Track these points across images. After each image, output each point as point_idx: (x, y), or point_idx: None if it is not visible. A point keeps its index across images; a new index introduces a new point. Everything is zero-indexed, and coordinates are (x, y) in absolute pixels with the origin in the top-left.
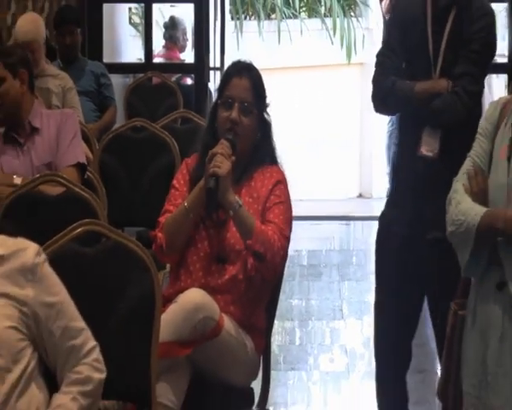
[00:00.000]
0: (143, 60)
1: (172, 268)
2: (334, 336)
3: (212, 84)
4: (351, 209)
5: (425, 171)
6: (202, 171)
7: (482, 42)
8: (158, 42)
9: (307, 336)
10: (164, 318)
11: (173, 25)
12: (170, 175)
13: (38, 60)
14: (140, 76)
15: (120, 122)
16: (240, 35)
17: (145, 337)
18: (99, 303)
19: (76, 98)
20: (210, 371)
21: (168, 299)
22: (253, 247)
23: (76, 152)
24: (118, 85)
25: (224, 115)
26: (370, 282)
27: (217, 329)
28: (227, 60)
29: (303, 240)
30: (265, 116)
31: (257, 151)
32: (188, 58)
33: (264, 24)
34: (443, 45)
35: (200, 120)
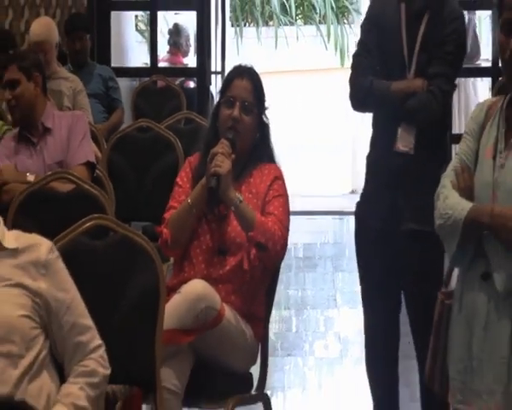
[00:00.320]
0: (149, 64)
1: (176, 260)
2: (328, 324)
3: (214, 87)
4: (344, 205)
5: (400, 165)
6: (204, 169)
7: (455, 43)
8: (162, 47)
9: (303, 324)
10: (168, 307)
11: (177, 31)
12: (174, 173)
13: (50, 61)
14: (146, 79)
15: (127, 123)
16: (239, 41)
17: (150, 325)
18: (107, 292)
19: (86, 100)
20: (211, 357)
21: (172, 289)
22: (255, 238)
23: (85, 151)
24: (125, 88)
25: (226, 113)
26: None
27: (218, 318)
28: (227, 64)
29: (299, 234)
30: (264, 118)
31: (255, 150)
32: (190, 63)
33: (262, 30)
34: (417, 47)
35: (202, 121)
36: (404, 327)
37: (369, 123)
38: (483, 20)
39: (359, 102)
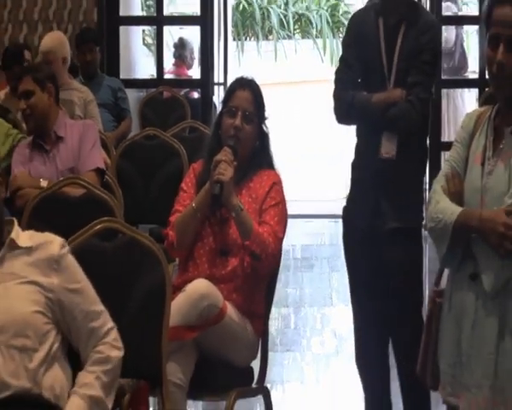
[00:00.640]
0: (155, 76)
1: (181, 261)
2: (324, 321)
3: (217, 97)
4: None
5: (383, 171)
6: (208, 175)
7: (431, 53)
8: (168, 60)
9: (301, 321)
10: (173, 305)
11: (182, 45)
12: (179, 178)
13: (57, 71)
14: (152, 90)
15: (135, 131)
16: (241, 54)
17: (157, 322)
18: (116, 291)
19: (96, 110)
20: (214, 352)
21: (177, 288)
22: (251, 247)
23: (95, 158)
24: (133, 99)
25: (229, 122)
26: None
27: (220, 315)
28: (230, 76)
29: (297, 236)
30: (264, 127)
31: (256, 157)
32: (195, 74)
33: (262, 44)
34: (395, 58)
35: (205, 130)
36: None
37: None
38: (470, 35)
39: (343, 116)
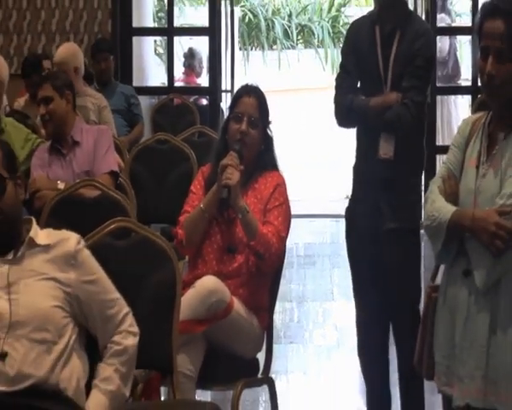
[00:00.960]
0: (166, 84)
1: (191, 258)
2: (326, 315)
3: (224, 104)
4: (340, 209)
5: (381, 171)
6: (215, 177)
7: (424, 58)
8: (178, 69)
9: (304, 315)
10: (183, 300)
11: (191, 54)
12: (188, 180)
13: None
14: (163, 97)
15: (147, 136)
16: (247, 63)
17: (167, 316)
18: (130, 287)
19: (110, 115)
20: (222, 344)
21: (187, 284)
22: (255, 247)
23: (110, 162)
24: (145, 105)
25: (235, 127)
26: None
27: (227, 310)
28: (236, 83)
29: (300, 234)
30: (268, 131)
31: (261, 160)
32: (203, 82)
33: (267, 53)
34: (391, 64)
35: (213, 134)
36: None
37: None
38: (463, 45)
39: (343, 119)
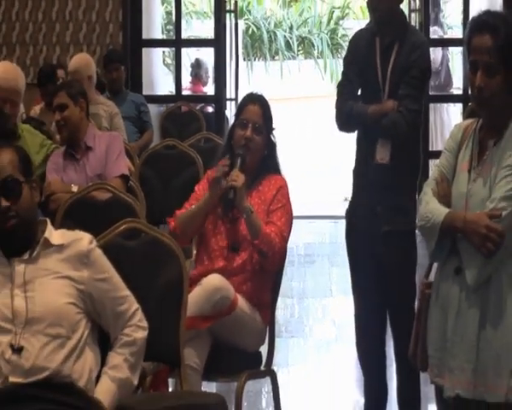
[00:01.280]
0: (174, 92)
1: (197, 255)
2: (325, 310)
3: (229, 111)
4: (338, 210)
5: (378, 176)
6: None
7: (419, 68)
8: (186, 78)
9: (304, 310)
10: (190, 297)
11: (198, 65)
12: (195, 183)
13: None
14: (171, 105)
15: (156, 142)
16: (250, 72)
17: (175, 312)
18: (139, 285)
19: (121, 122)
20: (226, 339)
21: (193, 281)
22: (259, 246)
23: (121, 166)
24: (154, 113)
25: (240, 134)
26: None
27: (231, 307)
28: (240, 92)
29: (301, 235)
30: (272, 137)
31: (264, 164)
32: (209, 91)
33: (269, 64)
34: (388, 74)
35: (219, 140)
36: None
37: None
38: (455, 56)
39: (343, 124)
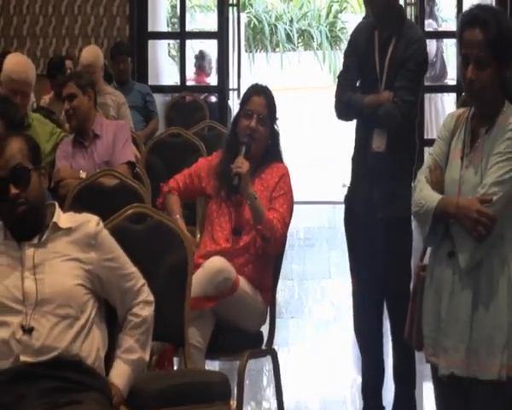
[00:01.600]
0: (179, 83)
1: (202, 238)
2: (324, 292)
3: (231, 101)
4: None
5: (374, 163)
6: (224, 164)
7: (415, 62)
8: (190, 69)
9: (304, 292)
10: (194, 279)
11: (202, 56)
12: None
13: (97, 80)
14: (176, 95)
15: (161, 130)
16: (252, 64)
17: (180, 294)
18: (145, 268)
19: (127, 111)
20: (229, 319)
21: (196, 263)
22: (262, 231)
23: (127, 153)
24: (159, 102)
25: (245, 124)
26: None
27: (233, 287)
28: (242, 83)
29: (301, 219)
30: (275, 127)
31: (268, 152)
32: (212, 81)
33: (270, 55)
34: (386, 66)
35: (222, 129)
36: None
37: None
38: (449, 47)
39: (342, 113)
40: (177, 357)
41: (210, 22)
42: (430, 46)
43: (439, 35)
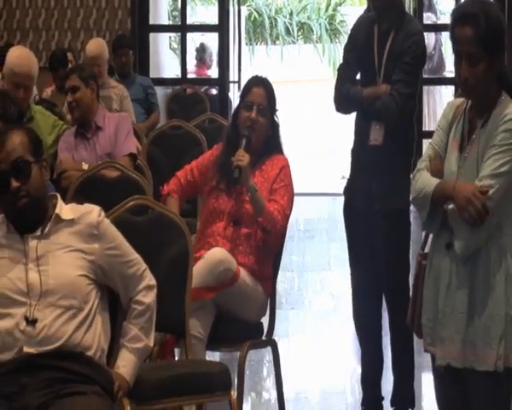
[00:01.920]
0: (180, 75)
1: (201, 228)
2: (323, 283)
3: (232, 93)
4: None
5: (371, 156)
6: (225, 156)
7: (412, 55)
8: (191, 62)
9: (303, 283)
10: (194, 270)
11: (202, 49)
12: None
13: (102, 73)
14: (177, 88)
15: (163, 122)
16: (252, 56)
17: (181, 285)
18: (147, 259)
19: (130, 104)
20: (230, 309)
21: (196, 256)
22: (263, 223)
23: (129, 145)
24: (160, 95)
25: (246, 115)
26: None
27: (234, 278)
28: (243, 75)
29: (301, 211)
30: (275, 118)
31: (268, 144)
32: (213, 74)
33: (270, 48)
34: (384, 59)
35: (222, 121)
36: None
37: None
38: (448, 40)
39: (340, 105)
40: (178, 348)
41: (211, 15)
42: (428, 39)
43: (438, 28)
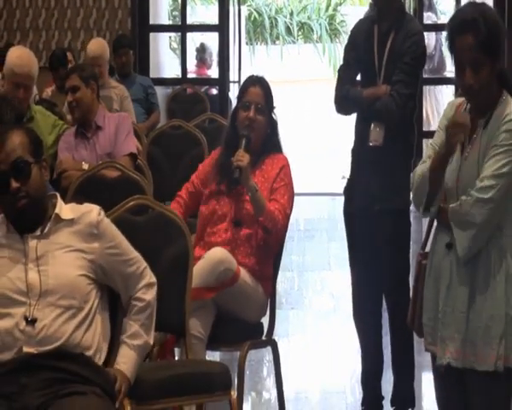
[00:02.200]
0: (180, 75)
1: (200, 228)
2: (323, 283)
3: (232, 93)
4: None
5: (371, 157)
6: (224, 159)
7: (412, 55)
8: (191, 62)
9: (303, 283)
10: (194, 269)
11: (203, 49)
12: (200, 161)
13: (103, 73)
14: (177, 87)
15: (163, 122)
16: (252, 56)
17: (181, 284)
18: (147, 258)
19: (130, 104)
20: (230, 309)
21: (196, 256)
22: (263, 223)
23: (129, 145)
24: (161, 94)
25: (244, 115)
26: None
27: (234, 278)
28: (243, 75)
29: (301, 211)
30: (273, 116)
31: (267, 143)
32: (213, 74)
33: (270, 48)
34: (384, 60)
35: (222, 121)
36: None
37: (353, 122)
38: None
39: (341, 106)
40: (178, 348)
41: (211, 15)
42: (429, 39)
43: (438, 28)
